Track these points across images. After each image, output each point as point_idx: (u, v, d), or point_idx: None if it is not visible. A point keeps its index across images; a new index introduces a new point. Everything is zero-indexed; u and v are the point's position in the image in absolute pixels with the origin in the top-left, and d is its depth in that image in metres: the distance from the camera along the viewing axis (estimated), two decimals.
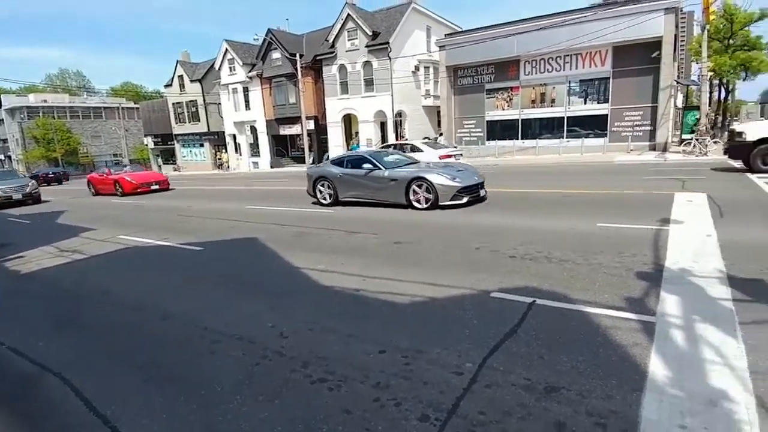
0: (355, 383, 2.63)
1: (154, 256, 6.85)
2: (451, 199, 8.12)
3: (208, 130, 38.06)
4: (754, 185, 8.67)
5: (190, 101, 38.51)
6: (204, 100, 37.44)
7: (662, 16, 17.19)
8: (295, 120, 29.58)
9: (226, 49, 32.95)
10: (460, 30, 26.04)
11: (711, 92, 34.22)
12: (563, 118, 20.61)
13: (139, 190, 17.16)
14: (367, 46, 25.78)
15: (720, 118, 31.29)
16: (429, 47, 26.79)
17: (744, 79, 31.55)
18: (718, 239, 4.88)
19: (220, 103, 35.82)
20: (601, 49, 18.97)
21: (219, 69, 34.05)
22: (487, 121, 22.84)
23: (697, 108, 18.07)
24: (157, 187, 17.79)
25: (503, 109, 22.34)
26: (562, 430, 2.07)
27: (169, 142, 42.38)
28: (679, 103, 20.90)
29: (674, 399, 2.23)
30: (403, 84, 25.45)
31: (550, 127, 21.08)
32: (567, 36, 18.74)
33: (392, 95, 25.46)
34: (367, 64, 26.27)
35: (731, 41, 27.22)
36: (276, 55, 29.80)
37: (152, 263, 6.38)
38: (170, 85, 39.73)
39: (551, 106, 20.91)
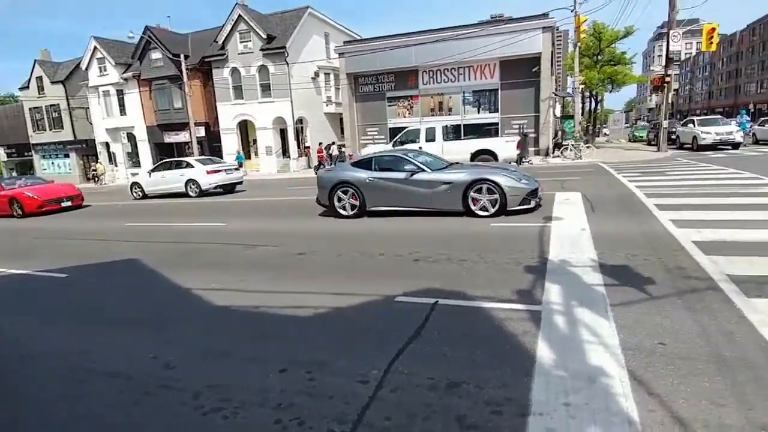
0: (254, 408, 2.48)
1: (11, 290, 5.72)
2: (519, 204, 7.27)
3: (75, 138, 33.47)
4: (619, 182, 10.29)
5: (52, 105, 33.58)
6: (68, 104, 32.88)
7: (540, 34, 19.70)
8: (182, 126, 27.45)
9: (95, 47, 29.41)
10: (360, 38, 26.78)
11: (583, 103, 40.02)
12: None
13: (45, 208, 13.73)
14: (262, 50, 25.09)
15: (591, 126, 36.62)
16: (328, 54, 27.03)
17: (611, 91, 37.48)
18: (591, 232, 5.68)
19: (88, 108, 31.72)
20: (490, 63, 21.03)
21: (87, 69, 30.22)
22: (390, 128, 23.72)
23: (572, 117, 20.99)
24: (69, 203, 14.49)
25: (404, 117, 23.42)
26: (462, 422, 2.19)
27: (26, 153, 36.39)
28: (558, 112, 24.05)
29: (559, 379, 2.50)
30: (303, 90, 25.27)
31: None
32: (460, 49, 20.41)
33: (292, 101, 25.09)
34: (263, 69, 25.54)
35: (600, 57, 32.15)
36: (156, 55, 27.43)
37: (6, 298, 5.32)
38: (26, 87, 34.28)
39: (449, 114, 22.51)
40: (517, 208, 7.25)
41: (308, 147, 26.42)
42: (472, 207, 7.34)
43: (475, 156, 15.22)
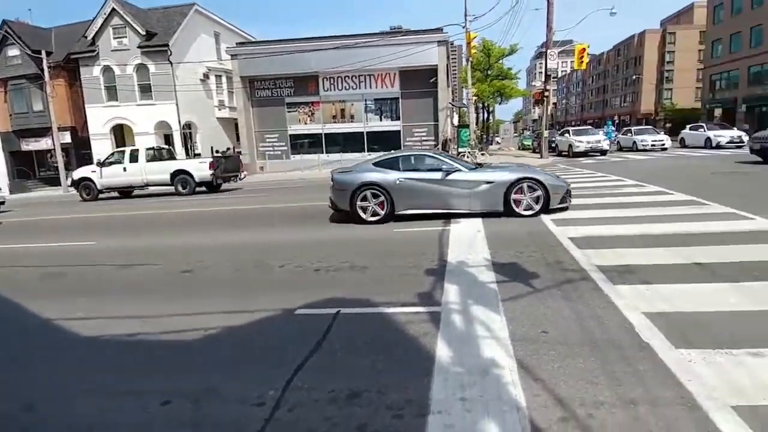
0: None
1: None
2: (559, 203, 7.38)
3: None
4: None
5: None
6: None
7: (436, 47, 21.06)
8: (43, 132, 23.87)
9: None
10: (255, 40, 25.95)
11: (477, 113, 43.77)
12: (363, 133, 22.78)
13: None
14: (140, 47, 23.00)
15: (485, 135, 40.10)
16: (220, 55, 25.76)
17: (500, 103, 41.53)
18: (485, 233, 6.18)
19: None
20: (390, 72, 21.87)
21: None
22: (290, 135, 23.31)
23: (468, 126, 22.77)
24: None
25: (306, 124, 23.20)
26: (364, 431, 2.19)
27: None
28: (455, 122, 25.92)
29: (456, 376, 2.64)
30: (192, 92, 23.66)
31: (352, 142, 22.97)
32: (361, 57, 20.89)
33: (177, 104, 23.34)
34: (141, 68, 23.39)
35: (490, 72, 35.46)
36: (13, 51, 23.73)
37: None
38: None
39: (351, 121, 22.86)
40: (557, 206, 7.40)
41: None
42: (515, 208, 7.31)
43: (174, 176, 16.16)
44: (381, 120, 22.78)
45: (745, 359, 2.66)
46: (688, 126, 27.29)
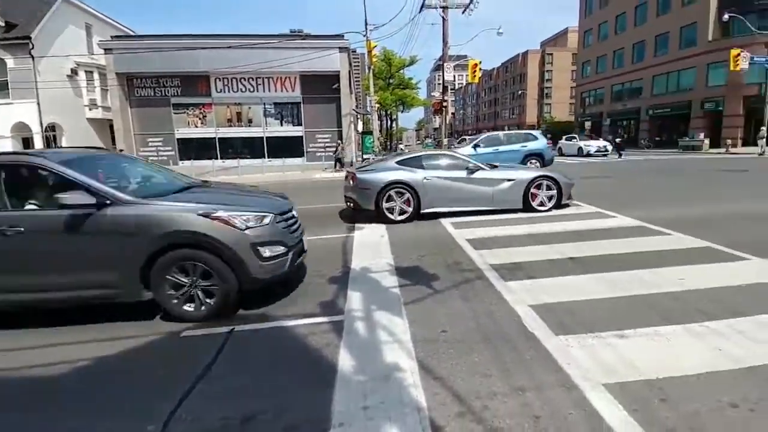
0: None
1: None
2: (567, 199, 8.36)
3: None
4: None
5: None
6: None
7: (338, 53, 21.19)
8: None
9: None
10: (134, 34, 23.70)
11: (381, 121, 45.05)
12: (263, 138, 21.99)
13: None
14: None
15: (389, 142, 41.38)
16: (91, 48, 23.04)
17: (402, 111, 43.21)
18: (389, 238, 6.33)
19: None
20: (290, 76, 21.47)
21: None
22: (179, 139, 21.61)
23: (372, 133, 23.28)
24: None
25: (197, 127, 21.71)
26: None
27: None
28: (360, 128, 26.36)
29: (359, 384, 2.63)
30: (57, 90, 20.78)
31: (250, 147, 22.03)
32: (259, 59, 20.16)
33: (39, 104, 20.34)
34: None
35: (391, 81, 36.73)
36: None
37: None
38: None
39: (249, 125, 21.94)
40: (565, 202, 8.29)
41: None
42: (532, 203, 7.96)
43: None
44: (282, 125, 22.22)
45: (612, 341, 3.06)
46: (564, 137, 31.30)
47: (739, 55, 23.31)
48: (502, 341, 3.12)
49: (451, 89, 21.82)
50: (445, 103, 22.20)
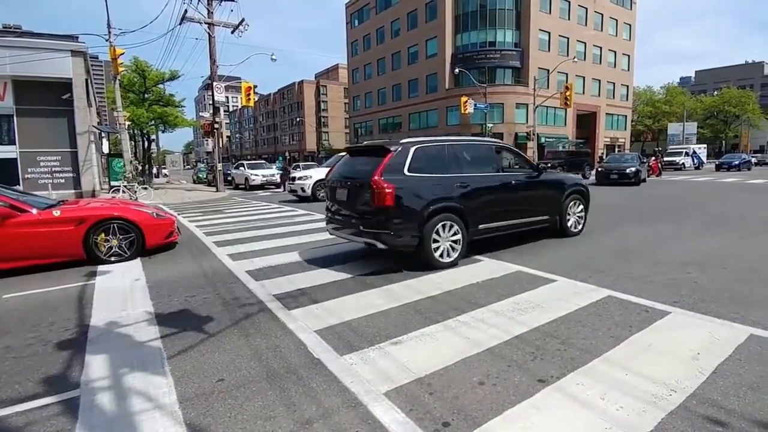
0: None
1: None
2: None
3: None
4: (181, 224, 10.63)
5: None
6: None
7: (70, 57, 17.80)
8: None
9: None
10: None
11: (136, 141, 39.72)
12: None
13: None
14: None
15: (147, 166, 36.76)
16: None
17: (164, 131, 39.01)
18: (147, 281, 5.46)
19: None
20: None
21: None
22: None
23: (122, 155, 20.21)
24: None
25: None
26: None
27: None
28: (106, 149, 22.56)
29: None
30: None
31: None
32: None
33: None
34: None
35: (147, 95, 32.80)
36: None
37: None
38: None
39: None
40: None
41: None
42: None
43: None
44: None
45: (389, 349, 3.33)
46: None
47: (467, 101, 30.27)
48: (287, 375, 3.00)
49: (225, 111, 21.00)
50: (217, 125, 21.26)
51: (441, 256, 5.65)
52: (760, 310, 3.97)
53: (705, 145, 50.39)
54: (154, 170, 41.67)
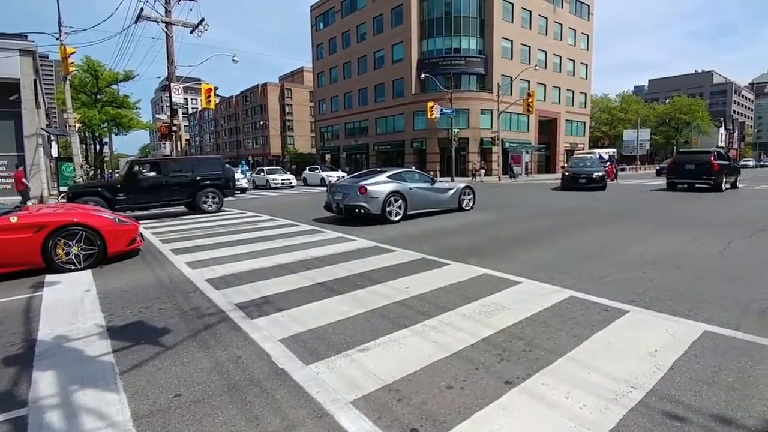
0: None
1: None
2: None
3: None
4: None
5: None
6: None
7: (18, 57, 16.93)
8: None
9: None
10: None
11: (87, 144, 37.98)
12: None
13: None
14: None
15: (98, 171, 35.20)
16: None
17: (117, 134, 37.46)
18: (98, 292, 5.19)
19: None
20: None
21: None
22: None
23: (72, 159, 19.27)
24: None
25: None
26: None
27: None
28: (55, 153, 21.44)
29: None
30: None
31: None
32: None
33: None
34: None
35: (100, 96, 31.43)
36: None
37: None
38: None
39: None
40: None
41: None
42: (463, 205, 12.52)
43: None
44: None
45: (356, 356, 3.29)
46: (308, 168, 33.82)
47: (433, 106, 30.52)
48: (250, 387, 2.91)
49: (184, 113, 20.45)
50: (175, 127, 20.57)
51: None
52: (712, 308, 4.18)
53: (614, 150, 45.99)
54: (107, 174, 39.96)
